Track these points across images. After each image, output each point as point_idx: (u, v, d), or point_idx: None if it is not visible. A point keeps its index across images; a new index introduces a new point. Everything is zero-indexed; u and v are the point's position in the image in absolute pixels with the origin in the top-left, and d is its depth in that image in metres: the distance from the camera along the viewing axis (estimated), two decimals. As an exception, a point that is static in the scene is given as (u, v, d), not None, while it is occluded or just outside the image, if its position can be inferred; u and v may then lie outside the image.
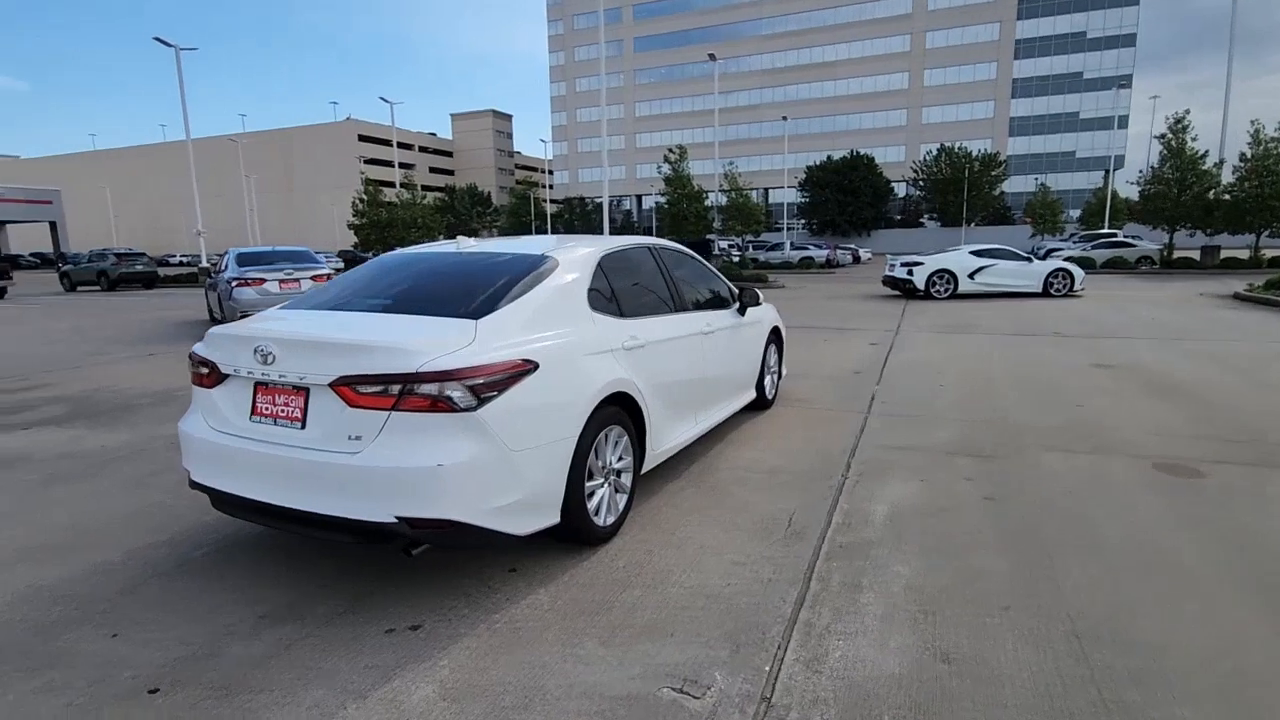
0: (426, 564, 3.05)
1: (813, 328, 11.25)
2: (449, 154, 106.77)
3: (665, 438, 3.86)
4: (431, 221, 39.17)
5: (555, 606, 2.74)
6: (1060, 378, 6.95)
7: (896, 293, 17.08)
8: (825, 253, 33.66)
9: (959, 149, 58.70)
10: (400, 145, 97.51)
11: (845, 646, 2.44)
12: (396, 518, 2.47)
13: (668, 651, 2.43)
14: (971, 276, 15.88)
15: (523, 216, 79.51)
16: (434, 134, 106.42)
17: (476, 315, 2.85)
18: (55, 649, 2.48)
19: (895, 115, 72.67)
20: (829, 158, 63.28)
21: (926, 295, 15.90)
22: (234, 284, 11.04)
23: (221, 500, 2.86)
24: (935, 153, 60.58)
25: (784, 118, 57.22)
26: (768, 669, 2.32)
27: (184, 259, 68.60)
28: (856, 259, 39.66)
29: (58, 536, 3.48)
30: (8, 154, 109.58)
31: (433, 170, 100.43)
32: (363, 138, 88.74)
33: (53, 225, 58.97)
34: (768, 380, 5.80)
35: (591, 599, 2.79)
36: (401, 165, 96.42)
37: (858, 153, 62.89)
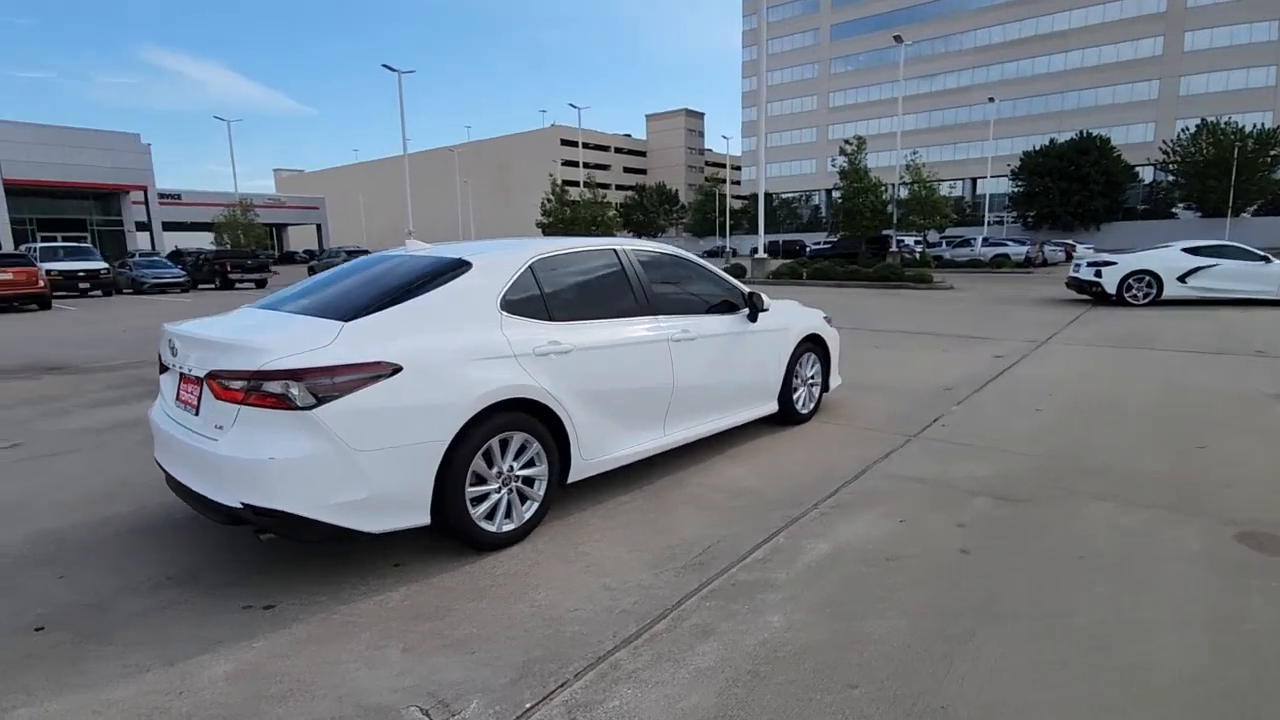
0: (328, 551, 3.25)
1: (940, 335, 10.08)
2: (642, 154, 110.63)
3: (607, 447, 3.73)
4: (609, 219, 41.03)
5: (399, 606, 2.79)
6: (1211, 411, 5.55)
7: (1085, 297, 14.65)
8: (1025, 249, 29.80)
9: (1227, 124, 48.59)
10: (595, 147, 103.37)
11: (630, 698, 2.20)
12: (242, 504, 2.68)
13: (454, 669, 2.37)
14: (1183, 280, 13.13)
15: (708, 213, 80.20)
16: (629, 135, 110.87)
17: (348, 318, 2.97)
18: (7, 584, 3.03)
19: (1142, 88, 61.96)
20: (1051, 141, 55.78)
21: (1120, 301, 13.45)
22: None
23: (166, 477, 3.28)
24: (1194, 130, 50.71)
25: (990, 99, 51.40)
26: (528, 706, 2.17)
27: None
28: (1070, 256, 34.60)
29: (107, 489, 4.20)
30: (294, 168, 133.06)
31: (626, 170, 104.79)
32: (564, 142, 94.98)
33: (318, 227, 70.85)
34: (801, 392, 5.33)
35: (436, 604, 2.80)
36: (597, 166, 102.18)
37: (1088, 134, 54.70)
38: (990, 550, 3.18)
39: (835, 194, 33.20)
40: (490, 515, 3.21)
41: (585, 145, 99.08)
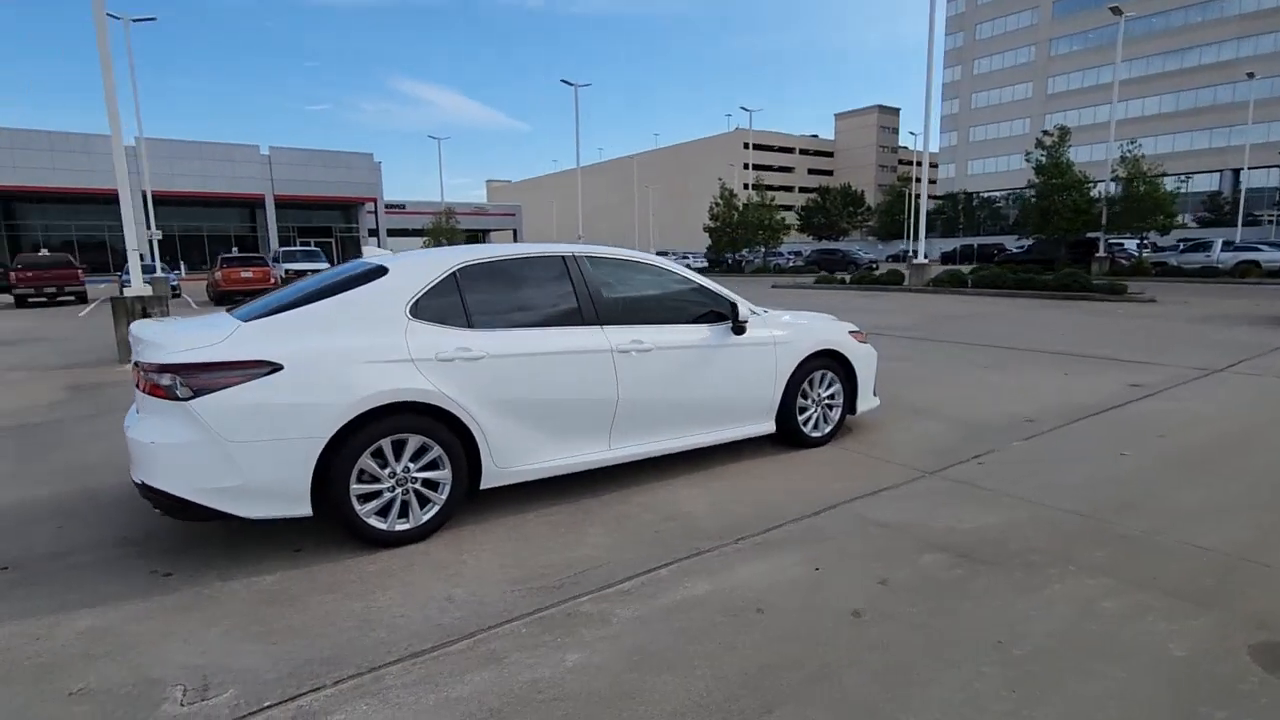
0: (260, 532, 3.55)
1: (1080, 356, 8.55)
2: (829, 154, 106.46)
3: (532, 456, 3.69)
4: (776, 222, 40.00)
5: (263, 589, 2.98)
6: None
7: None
8: (1282, 255, 24.19)
9: None
10: (780, 149, 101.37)
11: (360, 715, 2.17)
12: (138, 482, 3.03)
13: (247, 656, 2.49)
14: None
15: (896, 215, 75.12)
16: (815, 136, 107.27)
17: (248, 319, 3.24)
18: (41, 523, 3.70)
19: None
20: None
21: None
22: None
23: None
24: None
25: (1249, 75, 42.31)
26: (266, 704, 2.22)
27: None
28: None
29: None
30: (503, 179, 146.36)
31: (811, 172, 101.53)
32: (748, 145, 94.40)
33: (514, 233, 77.40)
34: (812, 413, 4.84)
35: (294, 592, 2.96)
36: (780, 169, 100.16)
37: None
38: (888, 618, 2.66)
39: (1029, 193, 29.48)
40: (383, 513, 3.32)
41: (768, 148, 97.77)
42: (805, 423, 4.83)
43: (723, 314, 4.41)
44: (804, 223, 77.43)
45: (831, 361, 4.91)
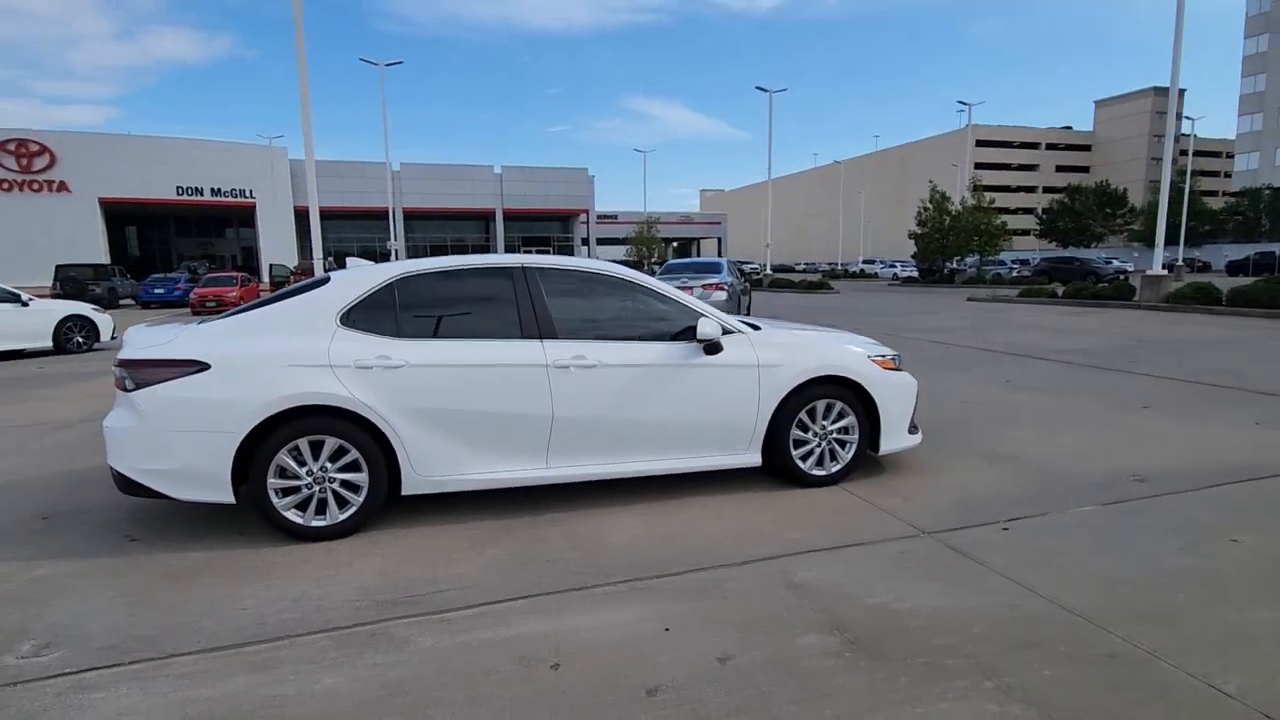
0: (232, 511, 3.96)
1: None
2: (1085, 148, 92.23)
3: (456, 467, 3.69)
4: (995, 227, 35.66)
5: (178, 565, 3.31)
6: None
7: None
8: None
9: None
10: (1021, 145, 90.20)
11: (111, 696, 2.32)
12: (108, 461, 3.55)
13: (102, 622, 2.78)
14: None
15: (1172, 215, 62.88)
16: (1068, 128, 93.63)
17: (203, 321, 3.62)
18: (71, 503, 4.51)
19: None
20: None
21: None
22: (647, 290, 13.40)
23: None
24: None
25: None
26: (66, 671, 2.46)
27: (804, 266, 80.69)
28: None
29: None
30: (715, 188, 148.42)
31: (1061, 169, 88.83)
32: (981, 142, 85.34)
33: (718, 241, 78.21)
34: (814, 447, 4.23)
35: (198, 570, 3.24)
36: (1022, 167, 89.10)
37: None
38: (682, 705, 2.22)
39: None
40: (302, 507, 3.53)
41: (1004, 144, 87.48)
42: (804, 457, 4.23)
43: (667, 331, 4.04)
44: (1046, 227, 68.06)
45: (842, 390, 4.24)
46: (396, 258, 35.02)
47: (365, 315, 3.67)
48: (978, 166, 77.33)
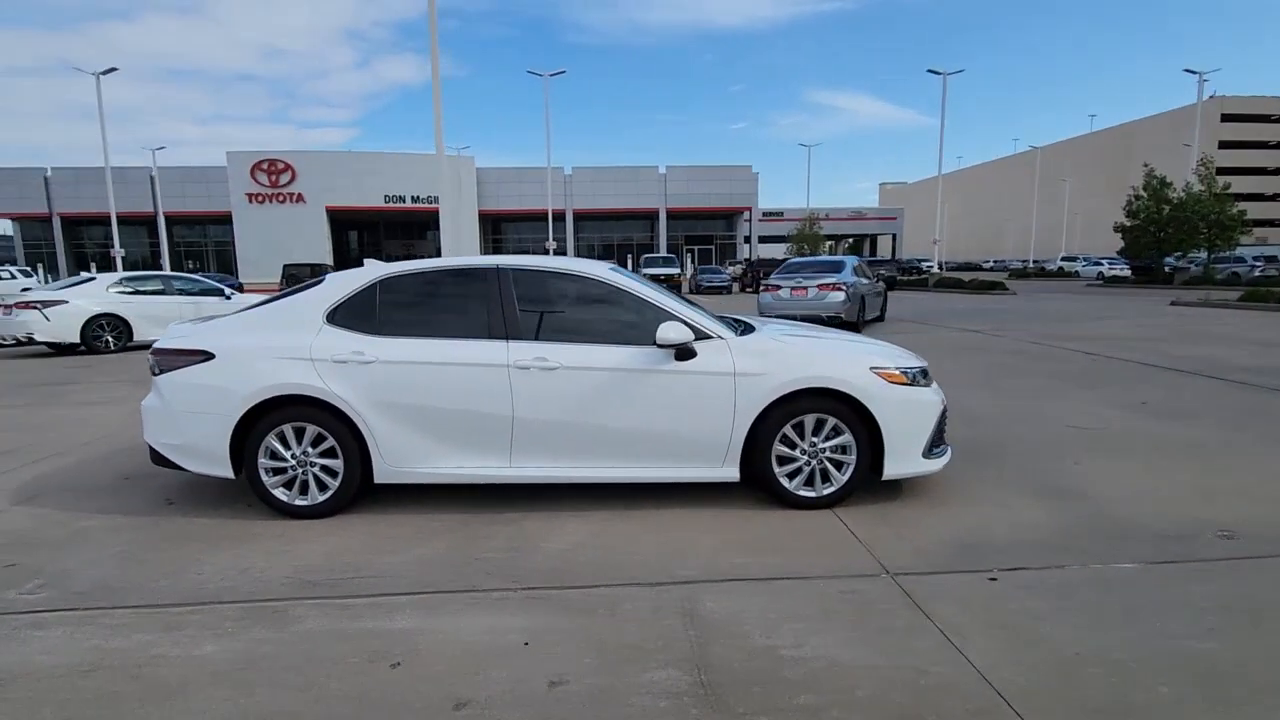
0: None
1: None
2: (1385, 117, 74.02)
3: (423, 460, 3.85)
4: (1232, 217, 29.81)
5: (191, 527, 3.79)
6: None
7: None
8: None
9: None
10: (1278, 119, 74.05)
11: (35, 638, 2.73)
12: (148, 436, 4.14)
13: (97, 571, 3.27)
14: None
15: None
16: (1359, 93, 75.67)
17: (224, 317, 4.09)
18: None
19: None
20: None
21: None
22: (763, 289, 12.96)
23: None
24: None
25: None
26: (38, 609, 2.94)
27: (992, 264, 73.30)
28: None
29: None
30: (897, 181, 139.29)
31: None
32: (1227, 117, 71.82)
33: (893, 237, 73.47)
34: (803, 465, 3.86)
35: (200, 534, 3.69)
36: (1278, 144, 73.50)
37: None
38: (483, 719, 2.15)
39: None
40: (288, 487, 3.89)
41: (1257, 118, 72.71)
42: (791, 475, 3.87)
43: (639, 336, 3.84)
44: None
45: (837, 404, 3.81)
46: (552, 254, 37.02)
47: (349, 313, 3.94)
48: (1222, 146, 65.28)
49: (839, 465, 3.89)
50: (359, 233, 59.90)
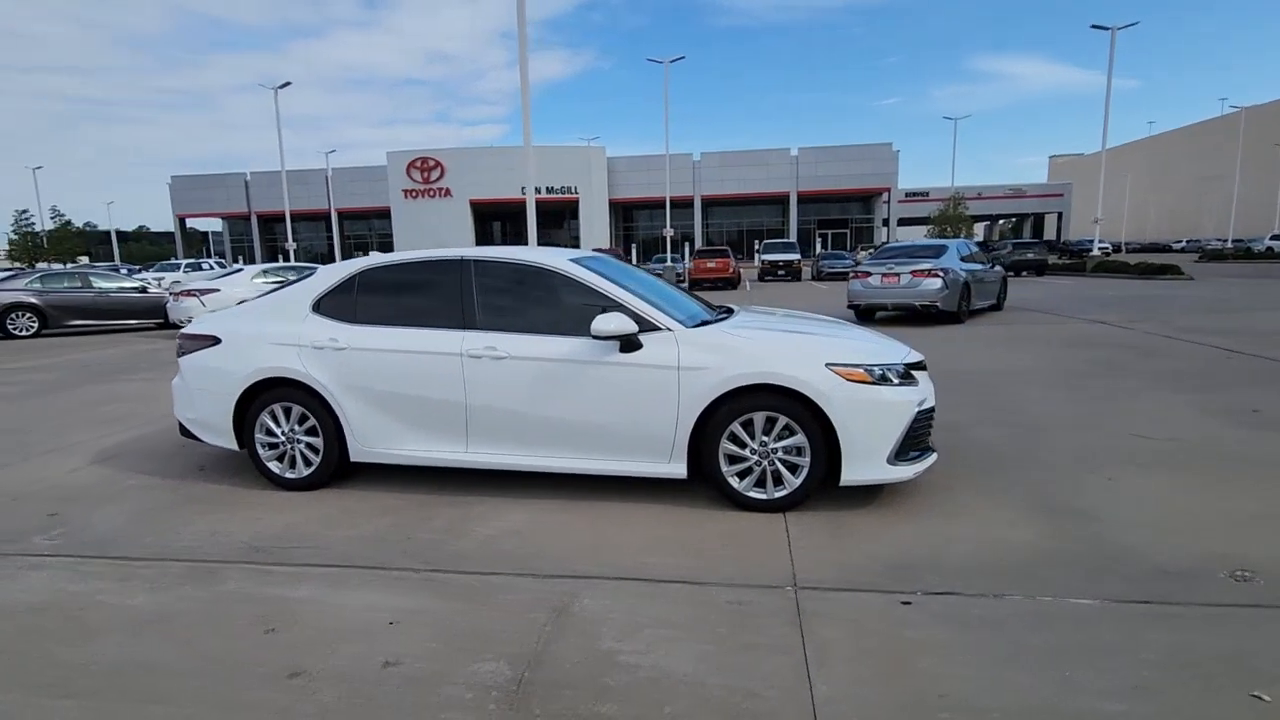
0: (278, 456, 4.94)
1: None
2: None
3: (390, 442, 4.09)
4: None
5: (208, 492, 4.29)
6: None
7: None
8: None
9: None
10: None
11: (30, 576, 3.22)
12: (180, 411, 4.71)
13: (113, 523, 3.81)
14: None
15: None
16: None
17: (235, 306, 4.54)
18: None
19: None
20: None
21: None
22: (853, 276, 12.23)
23: None
24: None
25: None
26: (56, 552, 3.47)
27: (1183, 244, 63.98)
28: None
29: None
30: (1073, 152, 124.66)
31: None
32: None
33: (1059, 216, 66.17)
34: (754, 465, 3.66)
35: (212, 498, 4.16)
36: None
37: None
38: (304, 692, 2.28)
39: None
40: (280, 460, 4.28)
41: None
42: (740, 475, 3.68)
43: (644, 326, 3.77)
44: None
45: (789, 403, 3.56)
46: (670, 244, 37.15)
47: (331, 303, 4.24)
48: None
49: (793, 468, 3.64)
50: (501, 223, 63.29)
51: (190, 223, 65.16)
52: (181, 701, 2.25)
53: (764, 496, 3.67)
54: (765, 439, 3.63)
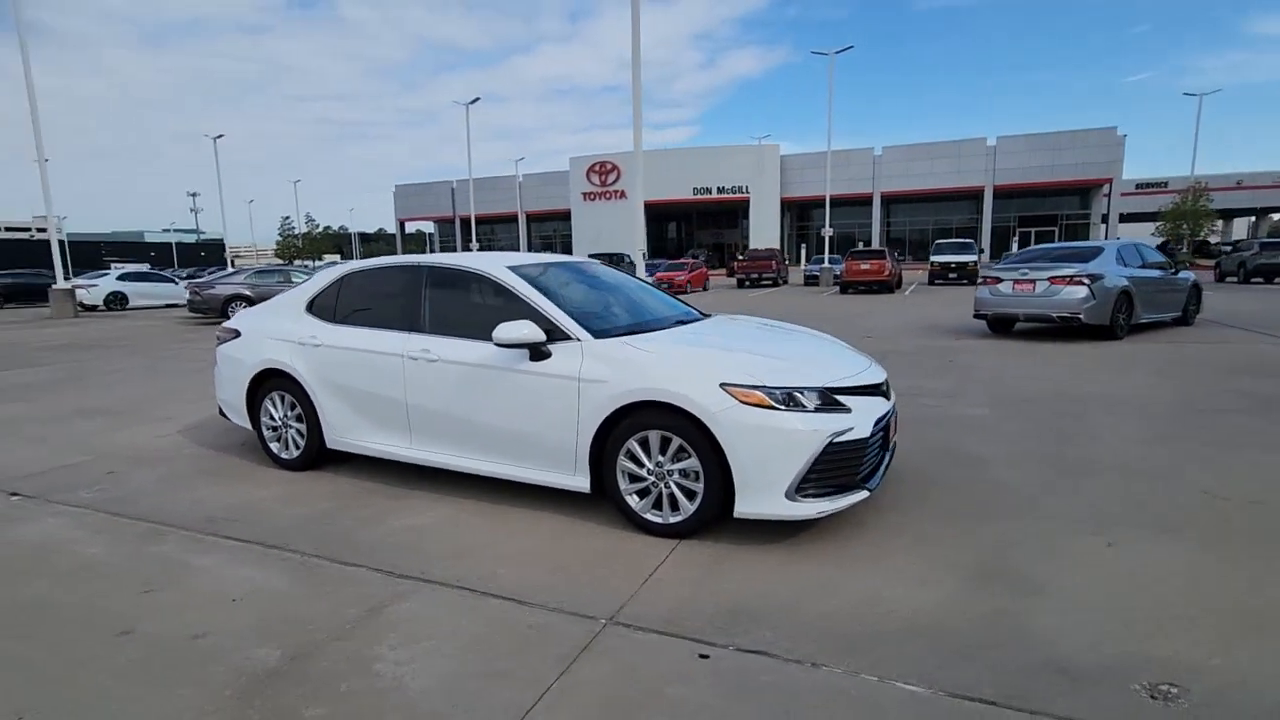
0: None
1: None
2: None
3: (355, 434, 4.45)
4: None
5: (229, 465, 4.98)
6: None
7: None
8: None
9: None
10: None
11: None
12: (224, 397, 5.45)
13: (138, 483, 4.56)
14: None
15: None
16: None
17: (259, 304, 5.15)
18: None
19: None
20: None
21: None
22: (982, 282, 10.86)
23: None
24: None
25: None
26: (78, 508, 4.24)
27: None
28: None
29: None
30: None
31: None
32: None
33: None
34: (651, 487, 3.47)
35: (236, 472, 4.83)
36: None
37: None
38: (126, 651, 2.60)
39: None
40: (278, 441, 4.83)
41: None
42: (640, 494, 3.50)
43: (555, 335, 3.75)
44: None
45: (683, 423, 3.30)
46: (827, 242, 35.42)
47: (320, 304, 4.69)
48: None
49: (689, 493, 3.39)
50: (676, 224, 64.43)
51: (409, 226, 74.24)
52: (22, 639, 2.67)
53: (660, 520, 3.46)
54: (661, 459, 3.42)
